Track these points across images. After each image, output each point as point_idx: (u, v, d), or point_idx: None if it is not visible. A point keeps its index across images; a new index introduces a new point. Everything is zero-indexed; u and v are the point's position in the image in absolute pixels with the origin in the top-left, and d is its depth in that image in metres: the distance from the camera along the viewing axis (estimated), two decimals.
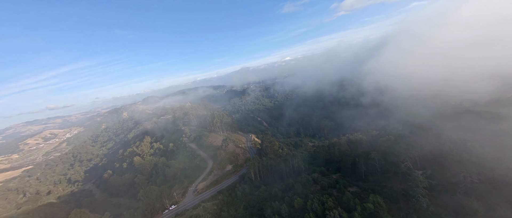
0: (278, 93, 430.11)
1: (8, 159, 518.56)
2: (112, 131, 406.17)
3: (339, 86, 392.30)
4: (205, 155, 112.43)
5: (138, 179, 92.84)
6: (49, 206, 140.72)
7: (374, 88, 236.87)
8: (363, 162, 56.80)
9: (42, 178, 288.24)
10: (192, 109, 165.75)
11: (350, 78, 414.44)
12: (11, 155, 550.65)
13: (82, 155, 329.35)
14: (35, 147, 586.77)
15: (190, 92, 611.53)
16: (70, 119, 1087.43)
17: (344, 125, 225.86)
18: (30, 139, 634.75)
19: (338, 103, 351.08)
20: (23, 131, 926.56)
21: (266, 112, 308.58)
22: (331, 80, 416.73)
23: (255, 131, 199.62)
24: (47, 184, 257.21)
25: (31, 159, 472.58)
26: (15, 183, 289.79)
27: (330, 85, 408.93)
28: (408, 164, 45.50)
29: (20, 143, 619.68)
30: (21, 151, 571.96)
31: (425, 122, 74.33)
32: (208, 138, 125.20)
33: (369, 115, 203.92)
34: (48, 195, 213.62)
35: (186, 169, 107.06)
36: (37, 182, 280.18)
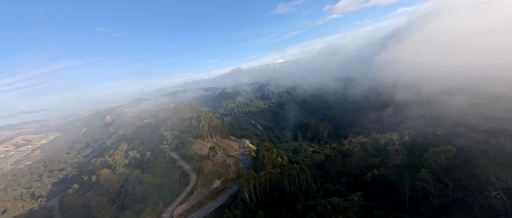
0: (273, 95, 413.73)
1: None
2: (91, 136, 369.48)
3: (338, 87, 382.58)
4: (188, 166, 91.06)
5: (96, 202, 70.26)
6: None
7: (387, 85, 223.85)
8: (407, 184, 38.82)
9: (3, 191, 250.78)
10: (176, 111, 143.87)
11: (350, 78, 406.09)
12: None
13: (53, 164, 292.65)
14: (4, 155, 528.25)
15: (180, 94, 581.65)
16: (49, 123, 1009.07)
17: (344, 127, 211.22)
18: (1, 146, 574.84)
19: (339, 104, 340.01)
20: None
21: (260, 114, 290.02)
22: (329, 81, 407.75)
23: (249, 136, 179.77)
24: (5, 200, 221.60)
25: None
26: None
27: (328, 86, 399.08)
28: (500, 194, 28.34)
29: None
30: None
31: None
32: (193, 146, 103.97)
33: (381, 115, 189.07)
34: (2, 214, 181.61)
35: (163, 185, 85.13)
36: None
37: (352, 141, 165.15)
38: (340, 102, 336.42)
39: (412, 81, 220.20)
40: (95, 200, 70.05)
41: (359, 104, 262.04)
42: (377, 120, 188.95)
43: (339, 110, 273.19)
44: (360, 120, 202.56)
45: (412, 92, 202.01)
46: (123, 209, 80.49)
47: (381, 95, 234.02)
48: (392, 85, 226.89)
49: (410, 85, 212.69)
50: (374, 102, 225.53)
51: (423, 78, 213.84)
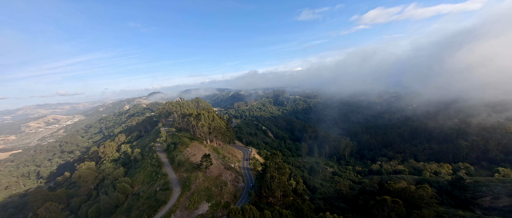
0: (288, 102, 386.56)
1: (4, 140, 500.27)
2: (105, 122, 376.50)
3: (365, 100, 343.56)
4: (174, 176, 70.55)
5: (45, 209, 52.78)
6: None
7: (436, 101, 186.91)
8: None
9: (15, 166, 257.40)
10: (178, 106, 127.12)
11: (384, 92, 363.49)
12: (9, 136, 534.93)
13: (66, 146, 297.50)
14: (34, 131, 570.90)
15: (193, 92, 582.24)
16: (78, 106, 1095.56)
17: (371, 146, 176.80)
18: (33, 122, 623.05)
19: (363, 119, 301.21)
20: (31, 113, 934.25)
21: (272, 120, 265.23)
22: (354, 93, 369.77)
23: (257, 143, 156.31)
24: (13, 176, 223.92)
25: (26, 142, 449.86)
26: None
27: (352, 98, 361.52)
28: None
29: (22, 125, 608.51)
30: (21, 132, 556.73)
31: None
32: (187, 149, 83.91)
33: (424, 139, 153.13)
34: (5, 189, 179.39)
35: (139, 196, 65.42)
36: (11, 169, 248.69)
37: (383, 165, 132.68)
38: (367, 117, 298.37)
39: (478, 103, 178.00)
40: (44, 207, 52.96)
41: (395, 121, 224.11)
42: (418, 143, 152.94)
43: (365, 126, 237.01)
44: (394, 141, 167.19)
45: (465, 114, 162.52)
46: None
47: (427, 115, 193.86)
48: (445, 104, 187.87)
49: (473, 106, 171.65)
50: (418, 121, 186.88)
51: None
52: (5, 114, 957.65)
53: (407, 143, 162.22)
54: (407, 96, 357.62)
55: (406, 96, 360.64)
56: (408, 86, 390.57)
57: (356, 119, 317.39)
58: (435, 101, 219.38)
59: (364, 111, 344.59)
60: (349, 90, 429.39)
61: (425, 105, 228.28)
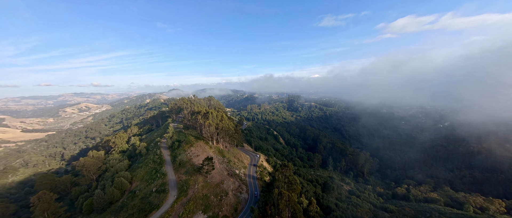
0: (303, 108, 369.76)
1: (44, 122, 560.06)
2: (126, 113, 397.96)
3: (390, 113, 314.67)
4: (173, 177, 64.58)
5: (38, 198, 49.81)
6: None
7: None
8: None
9: (46, 146, 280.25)
10: (189, 102, 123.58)
11: (413, 106, 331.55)
12: (48, 119, 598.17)
13: (90, 132, 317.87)
14: (69, 116, 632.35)
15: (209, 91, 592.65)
16: (107, 97, 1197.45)
17: (395, 166, 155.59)
18: (69, 108, 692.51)
19: (387, 134, 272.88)
20: (69, 100, 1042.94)
21: (285, 126, 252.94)
22: (376, 105, 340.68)
23: (267, 149, 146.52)
24: (43, 154, 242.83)
25: (60, 125, 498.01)
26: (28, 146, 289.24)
27: (375, 110, 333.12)
28: None
29: (60, 109, 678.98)
30: (58, 116, 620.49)
31: None
32: (191, 149, 78.03)
33: (461, 163, 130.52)
34: (32, 167, 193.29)
35: (135, 195, 60.40)
36: (42, 148, 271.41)
37: (411, 190, 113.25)
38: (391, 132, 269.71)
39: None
40: (37, 196, 50.34)
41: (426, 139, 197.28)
42: (454, 169, 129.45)
43: (388, 141, 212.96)
44: (424, 162, 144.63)
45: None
46: (77, 214, 58.53)
47: (467, 136, 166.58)
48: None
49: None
50: (455, 143, 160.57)
51: None
52: (49, 99, 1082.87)
53: (440, 166, 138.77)
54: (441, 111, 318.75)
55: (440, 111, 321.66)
56: (446, 100, 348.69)
57: (378, 132, 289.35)
58: (478, 121, 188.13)
59: (387, 124, 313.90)
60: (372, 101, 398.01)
61: (464, 124, 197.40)
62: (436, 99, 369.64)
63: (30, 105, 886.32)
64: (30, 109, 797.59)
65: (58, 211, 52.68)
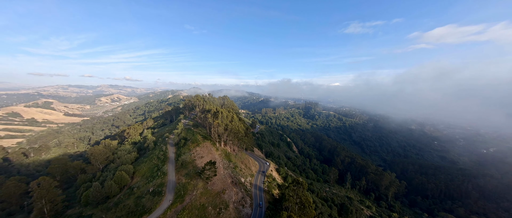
0: (320, 116, 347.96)
1: (82, 108, 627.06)
2: (149, 107, 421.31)
3: (422, 131, 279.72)
4: (173, 178, 58.88)
5: (38, 183, 48.11)
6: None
7: None
8: None
9: (78, 130, 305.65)
10: (201, 100, 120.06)
11: (448, 124, 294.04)
12: (86, 106, 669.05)
13: (116, 121, 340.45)
14: (102, 105, 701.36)
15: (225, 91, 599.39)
16: (136, 90, 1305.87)
17: (427, 192, 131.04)
18: (104, 98, 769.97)
19: (416, 154, 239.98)
20: (105, 91, 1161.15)
21: (300, 133, 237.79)
22: (404, 120, 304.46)
23: (278, 156, 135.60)
24: (74, 137, 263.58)
25: (95, 112, 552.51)
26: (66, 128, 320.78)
27: (401, 125, 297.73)
28: None
29: (96, 98, 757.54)
30: (94, 104, 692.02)
31: None
32: (196, 148, 72.24)
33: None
34: (64, 147, 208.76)
35: (132, 192, 55.97)
36: (75, 132, 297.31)
37: None
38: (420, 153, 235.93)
39: None
40: (36, 182, 48.64)
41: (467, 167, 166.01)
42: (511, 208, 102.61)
43: (418, 164, 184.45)
44: (467, 194, 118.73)
45: None
46: (76, 204, 55.93)
47: None
48: None
49: None
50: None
51: None
52: (89, 88, 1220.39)
53: (491, 202, 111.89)
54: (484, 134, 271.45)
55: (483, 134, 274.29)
56: (488, 121, 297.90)
57: (405, 151, 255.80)
58: None
59: (417, 143, 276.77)
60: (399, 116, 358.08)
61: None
62: (463, 119, 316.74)
63: (74, 92, 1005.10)
64: (74, 96, 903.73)
65: (56, 199, 50.44)
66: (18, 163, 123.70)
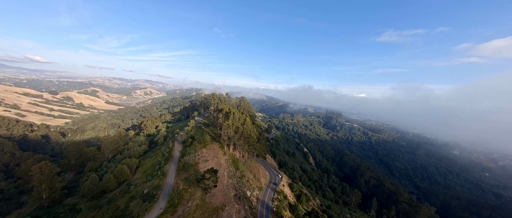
0: (341, 128, 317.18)
1: (120, 98, 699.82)
2: (173, 102, 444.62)
3: (468, 159, 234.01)
4: (171, 180, 51.97)
5: (39, 168, 46.07)
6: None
7: None
8: None
9: (114, 117, 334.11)
10: (217, 99, 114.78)
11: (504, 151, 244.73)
12: (123, 96, 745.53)
13: (143, 112, 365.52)
14: (137, 97, 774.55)
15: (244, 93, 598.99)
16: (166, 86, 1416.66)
17: None
18: (138, 91, 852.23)
19: (472, 188, 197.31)
20: (141, 84, 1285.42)
21: (318, 144, 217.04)
22: (446, 142, 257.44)
23: (292, 166, 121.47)
24: (108, 123, 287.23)
25: (129, 102, 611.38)
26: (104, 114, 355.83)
27: (441, 148, 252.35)
28: None
29: (133, 91, 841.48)
30: (130, 96, 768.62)
31: None
32: (202, 150, 64.94)
33: None
34: (97, 131, 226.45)
35: (129, 188, 50.80)
36: (109, 118, 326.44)
37: None
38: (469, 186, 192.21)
39: None
40: (38, 166, 46.76)
41: None
42: None
43: (466, 199, 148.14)
44: None
45: None
46: (77, 192, 53.15)
47: None
48: None
49: None
50: None
51: None
52: (128, 81, 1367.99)
53: None
54: None
55: None
56: None
57: (446, 180, 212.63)
58: None
59: (461, 172, 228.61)
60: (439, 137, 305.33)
61: None
62: None
63: (116, 84, 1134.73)
64: (116, 86, 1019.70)
65: (55, 186, 47.96)
66: (55, 141, 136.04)
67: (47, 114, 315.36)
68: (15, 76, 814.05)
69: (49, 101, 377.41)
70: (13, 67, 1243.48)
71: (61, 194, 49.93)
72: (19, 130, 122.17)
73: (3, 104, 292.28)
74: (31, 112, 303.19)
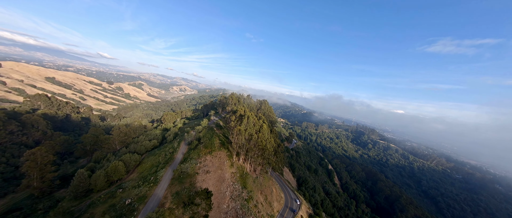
0: (375, 147, 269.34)
1: (159, 92, 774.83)
2: (200, 100, 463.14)
3: None
4: (161, 191, 40.78)
5: (31, 154, 40.92)
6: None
7: None
8: None
9: (150, 108, 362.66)
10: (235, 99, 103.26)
11: None
12: (162, 90, 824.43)
13: (174, 106, 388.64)
14: (173, 92, 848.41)
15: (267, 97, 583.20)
16: (199, 85, 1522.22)
17: None
18: (175, 87, 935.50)
19: None
20: (178, 82, 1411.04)
21: (346, 162, 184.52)
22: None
23: (313, 186, 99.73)
24: (143, 113, 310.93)
25: (165, 97, 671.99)
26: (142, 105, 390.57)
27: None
28: None
29: (170, 87, 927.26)
30: (168, 91, 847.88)
31: None
32: (206, 157, 52.85)
33: None
34: (132, 119, 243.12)
35: (114, 193, 41.95)
36: (145, 108, 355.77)
37: None
38: None
39: None
40: (30, 152, 41.92)
41: None
42: None
43: None
44: None
45: None
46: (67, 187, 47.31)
47: None
48: None
49: None
50: None
51: None
52: (168, 78, 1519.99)
53: None
54: None
55: None
56: None
57: None
58: None
59: None
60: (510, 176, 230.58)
61: None
62: None
63: (159, 80, 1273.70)
64: (158, 82, 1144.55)
65: (46, 177, 42.67)
66: (93, 124, 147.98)
67: (102, 99, 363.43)
68: (89, 68, 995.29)
69: (105, 89, 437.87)
70: (89, 61, 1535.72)
71: (52, 185, 44.52)
72: (66, 110, 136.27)
73: (73, 89, 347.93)
74: (91, 96, 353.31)
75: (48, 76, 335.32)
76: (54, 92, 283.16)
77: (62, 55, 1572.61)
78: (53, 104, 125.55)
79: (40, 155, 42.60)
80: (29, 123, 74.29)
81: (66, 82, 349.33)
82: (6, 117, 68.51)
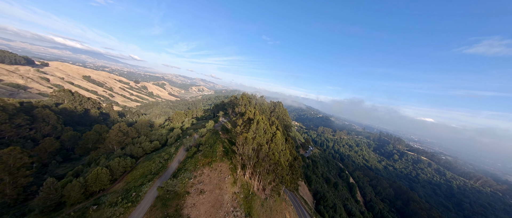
0: (402, 158, 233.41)
1: (179, 92, 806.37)
2: (215, 100, 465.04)
3: None
4: (139, 213, 30.14)
5: (8, 153, 34.43)
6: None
7: None
8: None
9: (169, 107, 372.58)
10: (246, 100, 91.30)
11: None
12: (182, 90, 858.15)
13: (191, 106, 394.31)
14: (192, 92, 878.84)
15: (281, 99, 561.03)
16: (216, 86, 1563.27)
17: None
18: (194, 87, 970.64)
19: None
20: (197, 82, 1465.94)
21: (369, 175, 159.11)
22: None
23: (333, 204, 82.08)
24: (162, 111, 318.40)
25: (184, 96, 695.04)
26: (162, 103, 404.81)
27: None
28: None
29: (190, 87, 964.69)
30: (187, 91, 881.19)
31: None
32: (203, 169, 41.40)
33: None
34: (150, 116, 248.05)
35: (87, 210, 32.77)
36: (164, 106, 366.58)
37: None
38: None
39: None
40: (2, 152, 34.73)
41: None
42: None
43: None
44: None
45: None
46: None
47: None
48: None
49: None
50: None
51: None
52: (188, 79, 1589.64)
53: None
54: None
55: None
56: None
57: None
58: None
59: None
60: None
61: None
62: None
63: (180, 80, 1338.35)
64: (179, 82, 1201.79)
65: (18, 182, 35.59)
66: (111, 120, 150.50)
67: (128, 97, 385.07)
68: (121, 69, 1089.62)
69: (132, 87, 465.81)
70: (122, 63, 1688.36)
71: (27, 192, 37.35)
72: (88, 105, 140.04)
73: (104, 86, 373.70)
74: (119, 94, 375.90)
75: (85, 75, 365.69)
76: (88, 89, 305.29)
77: (101, 57, 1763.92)
78: (75, 99, 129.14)
79: (11, 155, 35.73)
80: (40, 117, 72.18)
81: (99, 81, 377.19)
82: (15, 110, 66.72)
